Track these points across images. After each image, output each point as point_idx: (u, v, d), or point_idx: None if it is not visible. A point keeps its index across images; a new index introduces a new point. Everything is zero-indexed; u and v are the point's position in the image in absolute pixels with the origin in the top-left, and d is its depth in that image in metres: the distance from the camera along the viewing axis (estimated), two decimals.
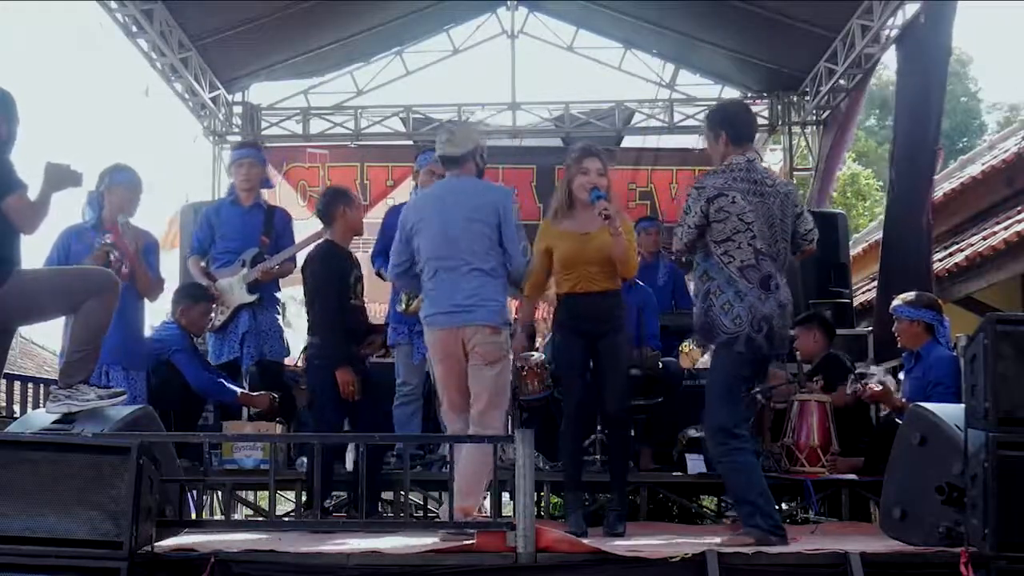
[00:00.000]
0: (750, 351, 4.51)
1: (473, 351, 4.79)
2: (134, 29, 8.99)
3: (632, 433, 5.87)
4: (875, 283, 8.73)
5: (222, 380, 6.34)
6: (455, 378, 4.87)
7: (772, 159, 11.53)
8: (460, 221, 4.82)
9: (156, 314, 6.97)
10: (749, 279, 4.53)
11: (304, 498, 6.02)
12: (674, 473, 6.46)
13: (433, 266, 4.87)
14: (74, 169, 4.22)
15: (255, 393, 6.38)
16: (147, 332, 6.30)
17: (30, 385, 7.91)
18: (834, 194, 9.91)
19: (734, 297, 4.53)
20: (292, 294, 8.08)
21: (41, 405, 6.99)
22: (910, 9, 8.49)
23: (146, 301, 5.99)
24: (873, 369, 6.45)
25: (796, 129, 11.17)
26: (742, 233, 4.55)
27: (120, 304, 5.60)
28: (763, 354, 4.59)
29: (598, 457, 6.26)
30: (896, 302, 6.34)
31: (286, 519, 6.60)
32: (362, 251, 7.27)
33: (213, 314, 6.60)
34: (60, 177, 4.19)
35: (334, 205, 5.82)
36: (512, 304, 10.62)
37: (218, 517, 6.75)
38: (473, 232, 4.80)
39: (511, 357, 5.04)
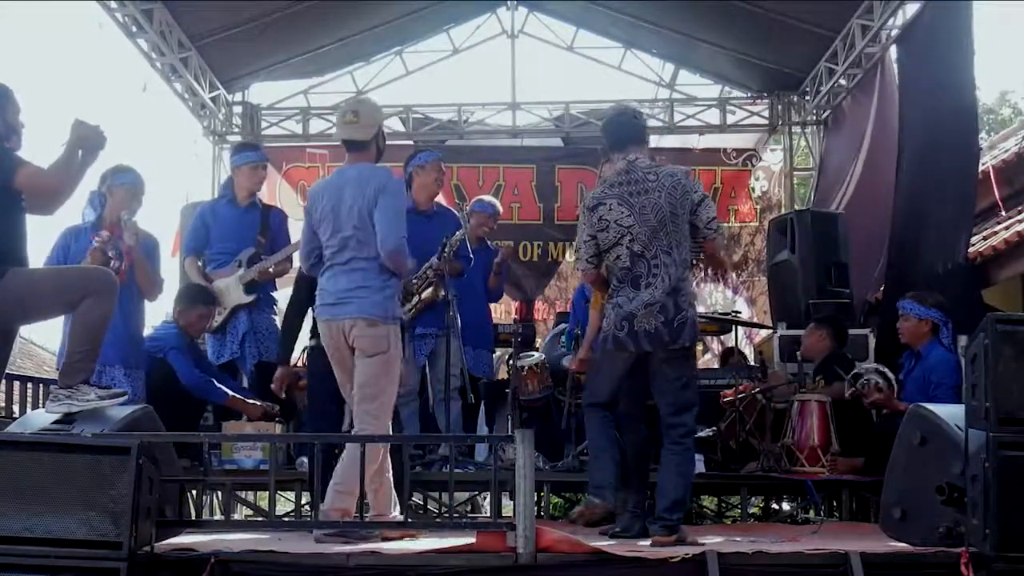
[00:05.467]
0: (615, 348, 4.81)
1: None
2: (134, 29, 8.97)
3: None
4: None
5: (213, 380, 6.34)
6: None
7: (772, 159, 11.53)
8: (349, 216, 4.74)
9: (156, 313, 6.98)
10: (622, 280, 4.81)
11: (304, 498, 6.03)
12: None
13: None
14: (101, 130, 4.22)
15: (250, 401, 6.36)
16: (147, 331, 6.31)
17: (30, 385, 7.90)
18: None
19: (609, 301, 4.87)
20: None
21: (41, 405, 6.98)
22: (910, 9, 8.48)
23: (146, 301, 6.00)
24: (864, 367, 6.46)
25: (796, 129, 11.16)
26: (623, 238, 4.78)
27: (120, 303, 5.62)
28: (631, 350, 4.77)
29: None
30: (906, 299, 6.34)
31: (286, 519, 6.60)
32: None
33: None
34: (86, 135, 4.19)
35: None
36: (513, 306, 10.68)
37: (218, 517, 6.75)
38: (361, 225, 4.74)
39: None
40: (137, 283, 5.78)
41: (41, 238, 5.91)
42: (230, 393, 6.33)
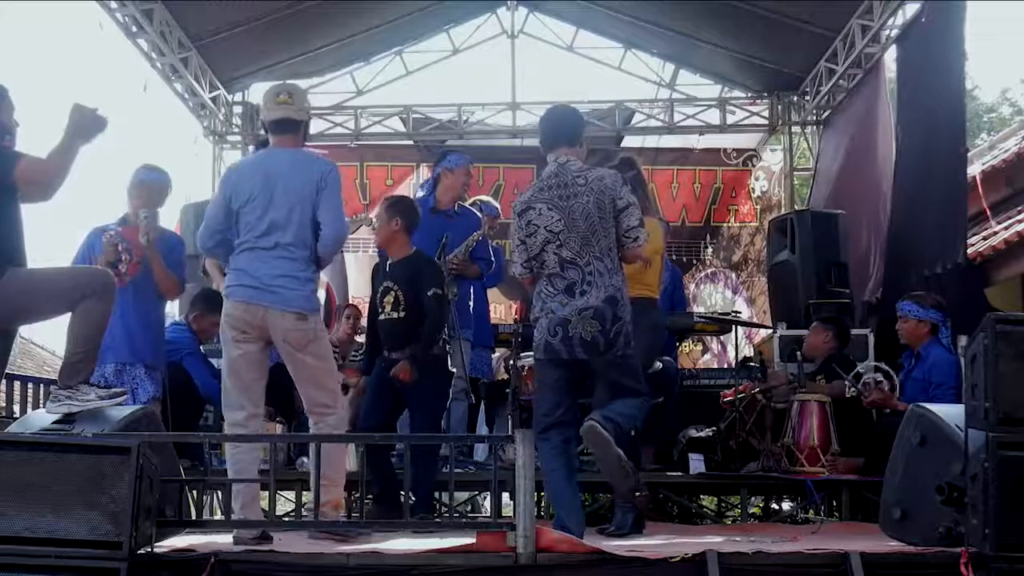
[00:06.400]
0: (548, 356, 4.68)
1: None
2: (134, 29, 8.98)
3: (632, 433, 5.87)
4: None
5: None
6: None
7: (772, 159, 11.53)
8: (286, 199, 4.60)
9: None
10: (555, 287, 4.67)
11: (304, 498, 6.01)
12: (672, 473, 6.45)
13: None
14: (100, 114, 4.21)
15: None
16: None
17: (30, 385, 7.90)
18: None
19: (540, 309, 4.72)
20: None
21: (41, 405, 6.98)
22: (910, 9, 8.49)
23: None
24: (861, 367, 6.46)
25: (796, 129, 11.17)
26: (551, 244, 4.67)
27: (137, 302, 5.64)
28: (564, 358, 4.64)
29: None
30: (904, 300, 6.34)
31: (286, 519, 6.60)
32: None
33: None
34: (84, 119, 4.18)
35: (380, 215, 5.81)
36: (513, 306, 10.66)
37: (218, 517, 6.74)
38: (295, 210, 4.60)
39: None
40: (156, 281, 5.78)
41: (70, 237, 5.93)
42: None
